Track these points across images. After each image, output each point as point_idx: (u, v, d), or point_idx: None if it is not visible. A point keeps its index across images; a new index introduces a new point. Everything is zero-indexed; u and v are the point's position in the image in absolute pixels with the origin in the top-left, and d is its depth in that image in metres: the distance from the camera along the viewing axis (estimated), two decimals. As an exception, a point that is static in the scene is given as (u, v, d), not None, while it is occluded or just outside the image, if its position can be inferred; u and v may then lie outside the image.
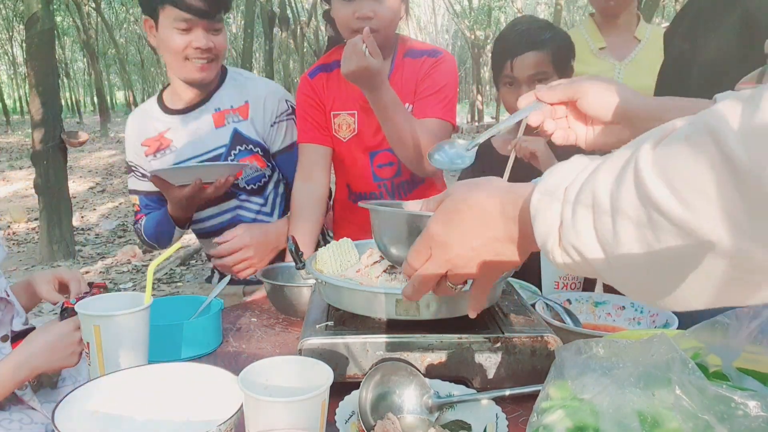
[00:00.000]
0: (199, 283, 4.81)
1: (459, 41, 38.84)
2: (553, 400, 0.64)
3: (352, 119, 1.62)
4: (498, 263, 0.65)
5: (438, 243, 0.66)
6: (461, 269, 0.66)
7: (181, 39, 1.49)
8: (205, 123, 1.63)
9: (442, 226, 0.65)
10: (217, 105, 1.64)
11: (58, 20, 20.69)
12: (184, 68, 1.54)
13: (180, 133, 1.64)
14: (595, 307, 1.21)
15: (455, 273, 0.67)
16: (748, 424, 0.53)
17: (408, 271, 0.71)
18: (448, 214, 0.65)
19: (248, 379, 0.74)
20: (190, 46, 1.50)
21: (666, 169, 0.42)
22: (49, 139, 5.14)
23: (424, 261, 0.68)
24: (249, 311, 1.42)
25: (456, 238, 0.64)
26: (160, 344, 1.07)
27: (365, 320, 1.00)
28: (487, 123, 18.77)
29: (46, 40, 5.06)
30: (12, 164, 11.61)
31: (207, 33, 1.51)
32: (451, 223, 0.65)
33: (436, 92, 1.53)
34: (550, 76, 1.55)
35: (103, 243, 6.26)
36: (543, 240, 0.54)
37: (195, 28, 1.49)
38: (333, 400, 0.77)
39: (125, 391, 0.77)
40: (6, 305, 1.10)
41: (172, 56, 1.53)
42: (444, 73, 1.55)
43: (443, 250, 0.66)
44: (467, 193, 0.65)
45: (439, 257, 0.66)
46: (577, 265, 0.52)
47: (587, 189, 0.49)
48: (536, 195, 0.55)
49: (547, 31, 1.57)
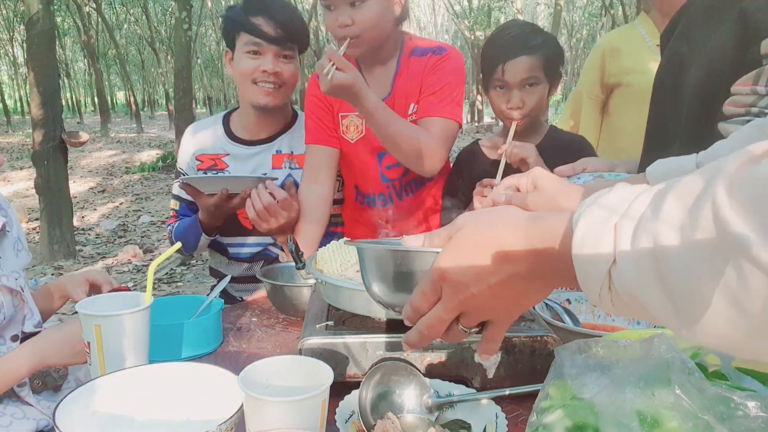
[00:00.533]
0: (201, 282, 4.81)
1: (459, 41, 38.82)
2: (552, 400, 0.64)
3: (360, 121, 1.62)
4: (519, 302, 0.59)
5: (450, 282, 0.58)
6: (477, 311, 0.59)
7: (251, 63, 1.57)
8: (264, 161, 1.71)
9: (454, 264, 0.57)
10: (279, 147, 1.72)
11: (58, 20, 20.70)
12: (252, 92, 1.59)
13: (237, 162, 1.71)
14: (594, 307, 1.21)
15: (470, 315, 0.60)
16: (747, 425, 0.53)
17: (412, 317, 0.63)
18: (461, 250, 0.58)
19: (248, 378, 0.74)
20: (258, 70, 1.56)
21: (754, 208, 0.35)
22: (49, 139, 5.14)
23: (433, 303, 0.60)
24: (249, 311, 1.42)
25: (471, 277, 0.57)
26: (160, 344, 1.07)
27: (365, 320, 1.00)
28: (486, 123, 18.76)
29: (46, 41, 5.06)
30: (13, 164, 11.62)
31: (276, 59, 1.57)
32: (465, 260, 0.57)
33: (439, 90, 1.52)
34: (540, 81, 1.57)
35: (103, 243, 6.26)
36: (588, 280, 0.48)
37: (265, 53, 1.56)
38: (333, 400, 0.78)
39: (125, 391, 0.77)
40: (20, 302, 1.10)
41: (242, 80, 1.60)
42: (448, 71, 1.53)
43: (456, 291, 0.58)
44: (482, 226, 0.58)
45: (451, 299, 0.58)
46: (631, 310, 0.47)
47: (647, 228, 0.42)
48: (580, 232, 0.48)
49: (539, 36, 1.58)
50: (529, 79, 1.55)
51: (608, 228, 0.46)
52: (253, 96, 1.60)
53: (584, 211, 0.49)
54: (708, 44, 1.26)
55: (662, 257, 0.40)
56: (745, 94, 0.97)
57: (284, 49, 1.57)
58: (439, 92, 1.52)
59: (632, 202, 0.45)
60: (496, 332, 0.63)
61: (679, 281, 0.40)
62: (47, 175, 5.25)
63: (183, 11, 8.10)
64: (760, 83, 0.94)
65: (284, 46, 1.57)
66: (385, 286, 0.70)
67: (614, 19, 16.90)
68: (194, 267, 5.33)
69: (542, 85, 1.58)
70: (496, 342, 0.64)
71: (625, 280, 0.44)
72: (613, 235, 0.45)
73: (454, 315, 0.60)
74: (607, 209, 0.47)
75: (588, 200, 0.50)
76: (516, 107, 1.57)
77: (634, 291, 0.43)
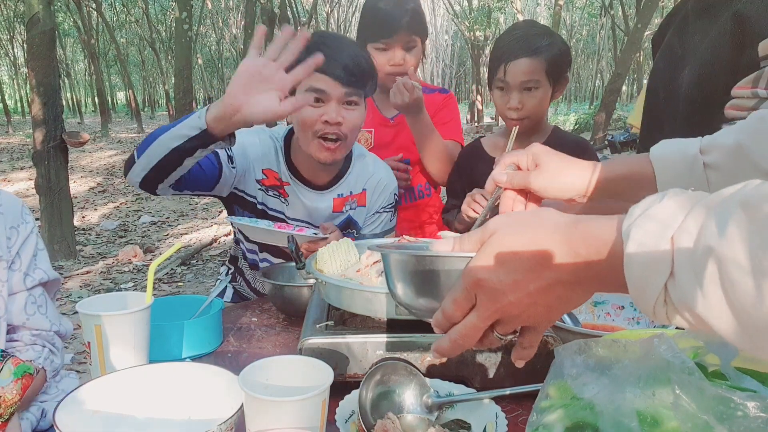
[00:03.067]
0: (201, 282, 4.81)
1: (459, 42, 38.80)
2: (552, 400, 0.64)
3: (370, 135, 1.93)
4: (560, 308, 0.57)
5: (485, 290, 0.56)
6: (515, 318, 0.57)
7: (313, 112, 1.40)
8: (325, 205, 1.57)
9: (490, 270, 0.55)
10: (341, 191, 1.59)
11: (59, 21, 20.72)
12: (312, 146, 1.44)
13: (297, 198, 1.56)
14: (594, 307, 1.21)
15: (507, 323, 0.58)
16: (747, 425, 0.53)
17: (443, 325, 0.60)
18: (496, 255, 0.55)
19: (248, 378, 0.74)
20: (320, 120, 1.40)
21: None
22: (50, 139, 5.13)
23: (466, 311, 0.58)
24: (249, 311, 1.42)
25: (508, 284, 0.54)
26: (160, 344, 1.07)
27: (365, 320, 1.00)
28: (486, 123, 18.77)
29: (47, 41, 5.06)
30: (13, 164, 11.61)
31: (340, 105, 1.41)
32: (502, 266, 0.55)
33: (449, 121, 1.90)
34: (541, 85, 1.56)
35: (104, 243, 6.26)
36: (643, 293, 0.47)
37: (328, 100, 1.40)
38: (333, 400, 0.78)
39: (125, 391, 0.77)
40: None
41: (302, 131, 1.45)
42: (453, 107, 1.95)
43: (492, 298, 0.56)
44: (519, 229, 0.56)
45: (487, 306, 0.56)
46: (686, 323, 0.46)
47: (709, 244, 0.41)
48: (633, 243, 0.47)
49: (545, 38, 1.56)
50: (529, 82, 1.54)
51: (664, 241, 0.45)
52: (314, 150, 1.45)
53: (634, 222, 0.48)
54: (702, 46, 1.26)
55: (727, 277, 0.40)
56: (746, 97, 0.97)
57: (350, 95, 1.41)
58: (449, 122, 1.90)
59: (687, 215, 0.45)
60: (534, 338, 0.62)
61: (748, 301, 0.39)
62: (48, 175, 5.24)
63: (183, 11, 8.10)
64: (760, 85, 0.94)
65: (350, 91, 1.41)
66: (412, 292, 0.66)
67: (614, 19, 16.90)
68: (194, 267, 5.33)
69: (543, 88, 1.56)
70: (533, 348, 0.62)
71: (685, 296, 0.43)
72: (669, 249, 0.44)
73: (489, 323, 0.58)
74: (659, 222, 0.46)
75: (636, 209, 0.49)
76: (514, 108, 1.56)
77: (696, 307, 0.42)
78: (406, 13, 1.71)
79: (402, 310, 0.93)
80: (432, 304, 0.63)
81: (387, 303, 0.93)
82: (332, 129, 1.40)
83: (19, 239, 1.12)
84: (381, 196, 1.64)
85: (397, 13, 1.71)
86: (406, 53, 1.77)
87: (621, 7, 15.23)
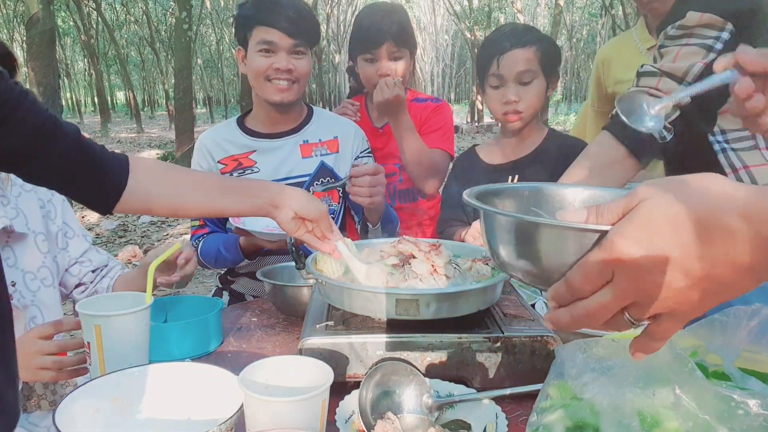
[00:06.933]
0: (201, 282, 4.81)
1: (459, 41, 38.83)
2: (552, 400, 0.65)
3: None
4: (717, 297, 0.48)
5: (627, 268, 0.47)
6: (657, 302, 0.48)
7: (264, 61, 1.58)
8: (293, 152, 1.70)
9: (636, 245, 0.47)
10: (306, 138, 1.73)
11: (58, 21, 20.70)
12: (266, 89, 1.62)
13: (265, 156, 1.70)
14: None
15: (644, 307, 0.49)
16: (749, 423, 0.53)
17: (564, 298, 0.52)
18: (646, 228, 0.47)
19: (248, 378, 0.74)
20: (271, 68, 1.58)
21: None
22: (49, 139, 5.14)
23: (598, 287, 0.50)
24: (249, 311, 1.42)
25: (659, 262, 0.46)
26: (160, 344, 1.07)
27: (365, 320, 1.00)
28: (486, 123, 18.75)
29: (46, 41, 5.06)
30: (12, 164, 11.61)
31: (289, 56, 1.59)
32: (653, 240, 0.46)
33: (438, 129, 1.89)
34: (536, 76, 1.55)
35: (104, 243, 6.26)
36: None
37: (278, 51, 1.58)
38: (333, 400, 0.78)
39: (125, 391, 0.77)
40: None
41: (255, 78, 1.62)
42: (444, 116, 1.93)
43: (634, 278, 0.48)
44: (677, 198, 0.46)
45: (626, 285, 0.48)
46: None
47: None
48: None
49: (534, 32, 1.59)
50: (525, 73, 1.53)
51: None
52: (268, 93, 1.62)
53: None
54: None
55: None
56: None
57: (297, 45, 1.59)
58: (438, 131, 1.89)
59: None
60: (672, 328, 0.51)
61: None
62: (47, 175, 5.25)
63: (183, 11, 8.10)
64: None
65: (297, 42, 1.59)
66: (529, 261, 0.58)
67: (614, 19, 16.90)
68: (194, 267, 5.33)
69: (538, 80, 1.55)
70: (665, 341, 0.53)
71: None
72: None
73: (624, 304, 0.50)
74: None
75: None
76: (512, 102, 1.54)
77: None
78: (392, 25, 1.77)
79: (401, 310, 0.93)
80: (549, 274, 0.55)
81: (387, 303, 0.93)
82: (284, 76, 1.60)
83: (58, 209, 1.30)
84: (354, 141, 1.77)
85: (384, 25, 1.78)
86: (394, 63, 1.82)
87: (621, 7, 15.23)
